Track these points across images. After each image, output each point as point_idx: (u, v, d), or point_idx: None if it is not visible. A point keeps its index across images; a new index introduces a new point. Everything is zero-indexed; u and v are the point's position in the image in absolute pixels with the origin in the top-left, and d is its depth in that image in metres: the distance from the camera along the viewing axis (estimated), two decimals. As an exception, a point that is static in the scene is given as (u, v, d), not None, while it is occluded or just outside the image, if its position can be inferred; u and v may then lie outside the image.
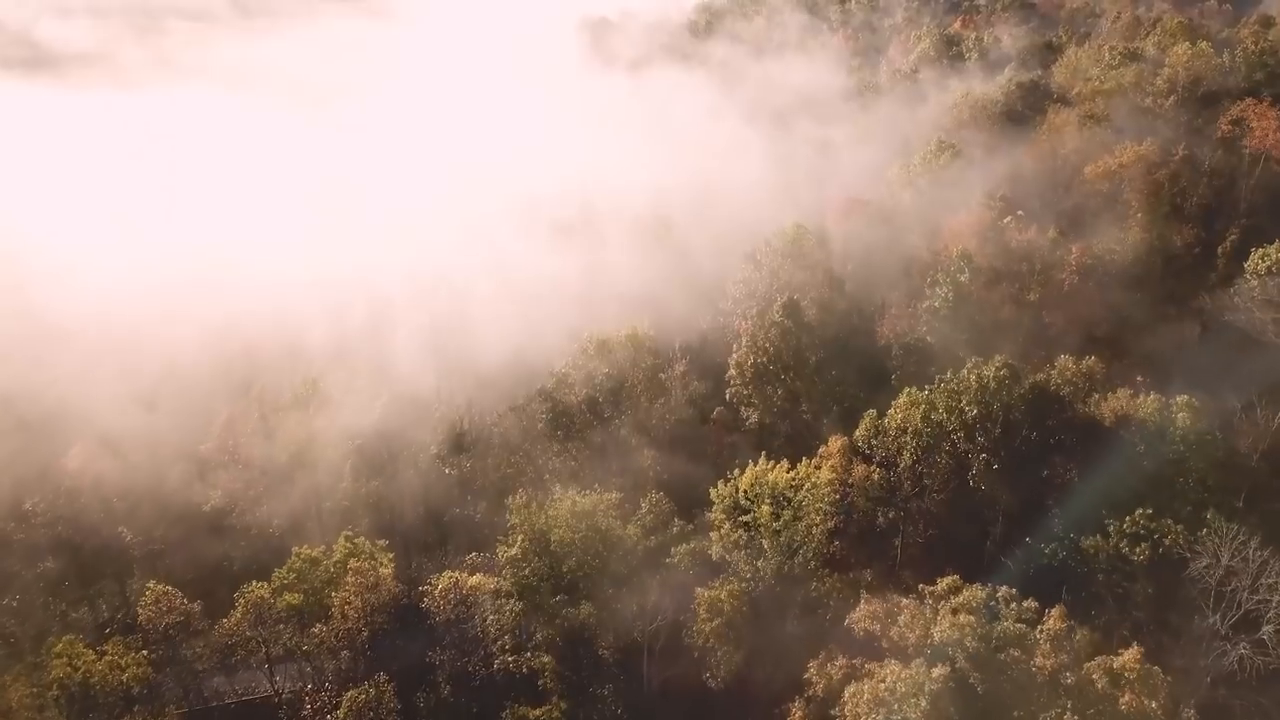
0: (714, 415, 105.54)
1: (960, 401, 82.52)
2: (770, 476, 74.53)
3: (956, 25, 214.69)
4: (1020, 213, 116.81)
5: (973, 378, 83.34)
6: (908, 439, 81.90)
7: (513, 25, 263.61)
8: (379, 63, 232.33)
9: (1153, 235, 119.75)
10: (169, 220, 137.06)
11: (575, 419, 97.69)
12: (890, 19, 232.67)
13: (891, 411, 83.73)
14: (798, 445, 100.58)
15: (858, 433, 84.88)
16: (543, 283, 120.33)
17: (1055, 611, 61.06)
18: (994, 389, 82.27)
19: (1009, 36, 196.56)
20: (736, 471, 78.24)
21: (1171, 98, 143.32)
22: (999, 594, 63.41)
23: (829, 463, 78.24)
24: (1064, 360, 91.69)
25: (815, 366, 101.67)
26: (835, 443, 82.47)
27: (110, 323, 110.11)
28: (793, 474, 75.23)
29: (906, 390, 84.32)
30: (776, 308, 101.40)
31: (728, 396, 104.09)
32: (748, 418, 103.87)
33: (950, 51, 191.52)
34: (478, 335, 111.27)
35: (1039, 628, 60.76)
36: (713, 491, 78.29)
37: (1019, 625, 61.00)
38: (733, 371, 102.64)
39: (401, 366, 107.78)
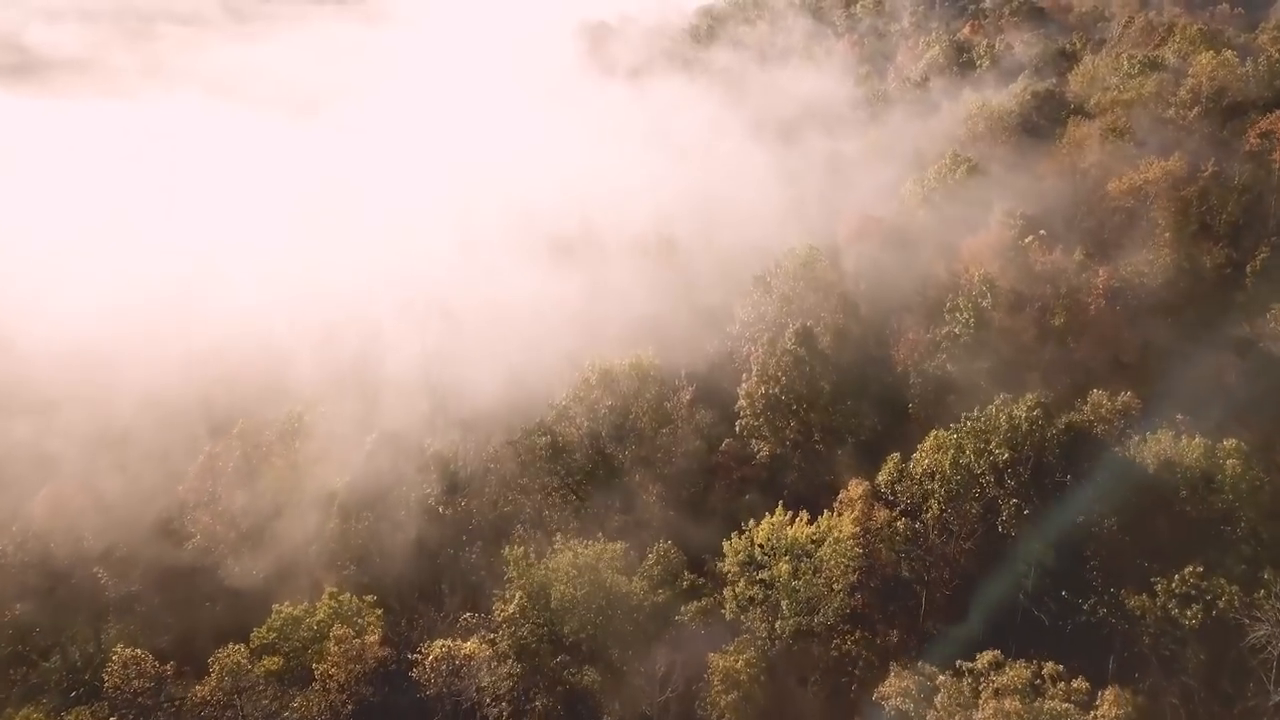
0: (723, 447, 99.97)
1: (989, 443, 76.96)
2: (790, 531, 68.86)
3: (965, 31, 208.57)
4: (1042, 232, 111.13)
5: (1002, 417, 77.73)
6: (935, 486, 76.20)
7: (510, 30, 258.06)
8: (373, 69, 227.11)
9: (1180, 255, 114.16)
10: (150, 238, 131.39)
11: (576, 454, 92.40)
12: (897, 24, 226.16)
13: (917, 455, 77.97)
14: (811, 479, 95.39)
15: (880, 476, 79.18)
16: (540, 303, 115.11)
17: (1109, 695, 55.36)
18: (1025, 430, 76.77)
19: (1020, 43, 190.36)
20: (751, 523, 72.63)
21: (1195, 109, 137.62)
22: (1044, 671, 57.89)
23: (851, 513, 72.53)
24: (1096, 395, 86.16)
25: (829, 396, 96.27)
26: (856, 488, 76.75)
27: (84, 349, 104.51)
28: (814, 528, 69.58)
29: (934, 433, 78.51)
30: (789, 335, 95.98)
31: (737, 428, 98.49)
32: (758, 450, 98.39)
33: (961, 59, 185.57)
34: (472, 360, 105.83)
35: (1092, 713, 55.20)
36: (726, 545, 72.66)
37: (1067, 705, 55.41)
38: (743, 402, 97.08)
39: (392, 396, 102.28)
